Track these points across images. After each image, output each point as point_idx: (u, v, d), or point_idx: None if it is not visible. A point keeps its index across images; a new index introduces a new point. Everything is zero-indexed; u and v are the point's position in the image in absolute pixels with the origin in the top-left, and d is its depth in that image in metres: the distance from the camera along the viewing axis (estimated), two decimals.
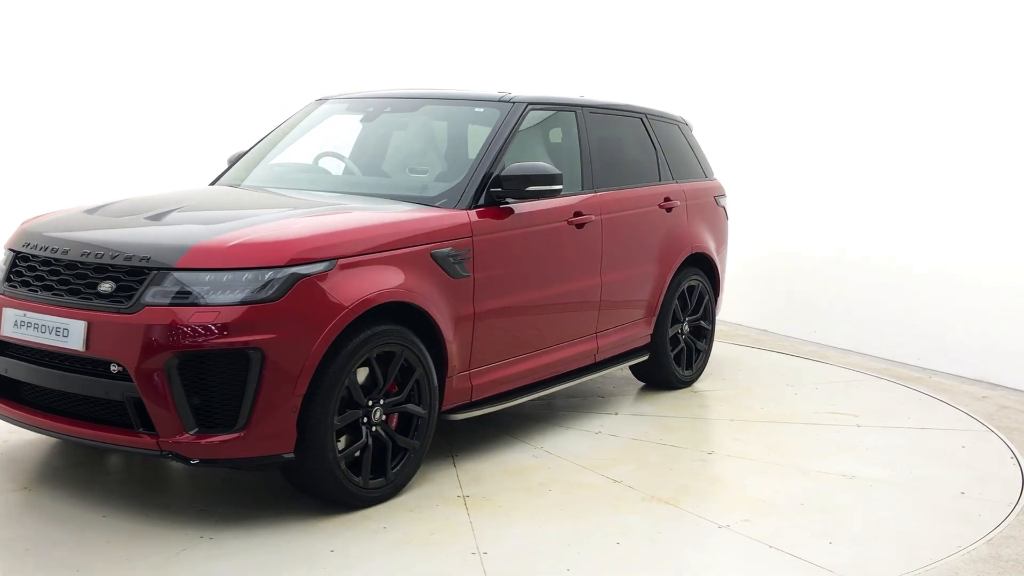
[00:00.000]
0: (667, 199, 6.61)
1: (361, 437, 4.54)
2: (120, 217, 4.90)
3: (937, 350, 7.55)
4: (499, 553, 4.11)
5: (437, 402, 4.89)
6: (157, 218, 4.78)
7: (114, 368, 4.20)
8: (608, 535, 4.32)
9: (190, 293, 4.16)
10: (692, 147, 7.24)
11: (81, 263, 4.40)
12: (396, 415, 4.76)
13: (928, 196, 7.72)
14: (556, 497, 4.76)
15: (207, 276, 4.18)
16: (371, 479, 4.60)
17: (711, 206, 7.20)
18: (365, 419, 4.57)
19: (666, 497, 4.79)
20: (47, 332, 4.35)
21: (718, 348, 8.01)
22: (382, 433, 4.63)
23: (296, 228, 4.52)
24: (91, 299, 4.30)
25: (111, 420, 4.31)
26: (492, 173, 5.28)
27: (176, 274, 4.19)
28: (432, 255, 4.83)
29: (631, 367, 6.75)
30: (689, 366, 6.95)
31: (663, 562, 4.11)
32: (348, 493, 4.49)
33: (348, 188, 5.56)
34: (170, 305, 4.15)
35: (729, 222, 7.53)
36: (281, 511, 4.49)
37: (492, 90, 5.98)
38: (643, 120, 6.71)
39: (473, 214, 5.12)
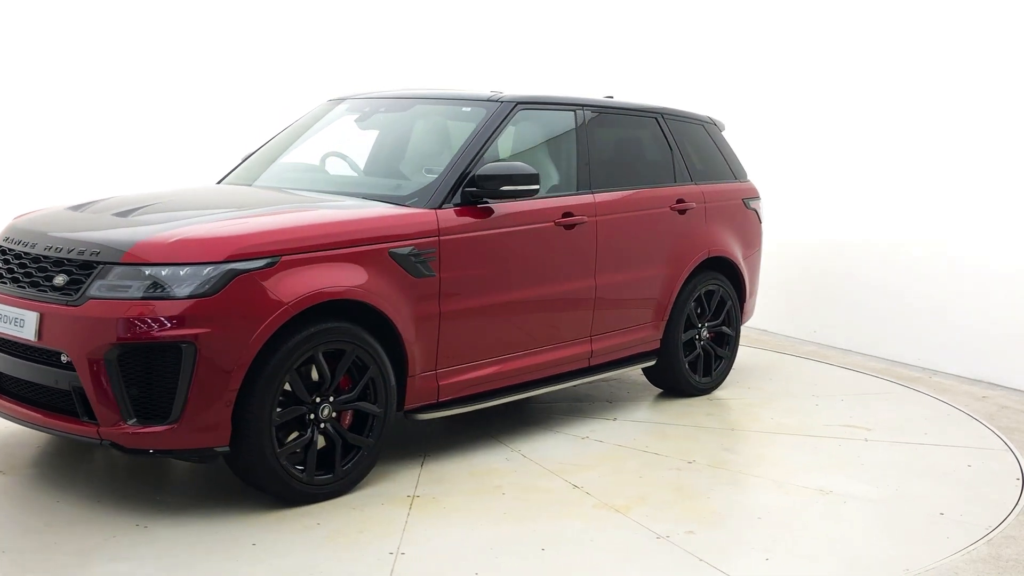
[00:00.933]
0: (680, 201, 6.44)
1: (311, 432, 4.56)
2: (95, 214, 5.06)
3: (937, 350, 7.53)
4: (416, 554, 4.08)
5: (394, 401, 4.87)
6: (124, 215, 4.92)
7: (64, 358, 4.34)
8: (538, 542, 4.23)
9: (130, 287, 4.26)
10: (720, 148, 7.04)
11: (44, 257, 4.56)
12: (350, 413, 4.75)
13: (928, 195, 7.71)
14: (506, 501, 4.70)
15: (148, 271, 4.28)
16: (318, 475, 4.61)
17: (737, 209, 6.98)
18: (312, 415, 4.57)
19: (619, 505, 4.67)
20: (8, 322, 4.54)
21: (753, 355, 7.78)
22: (331, 430, 4.64)
23: (240, 225, 4.58)
24: (47, 291, 4.45)
25: (62, 408, 4.45)
26: (469, 173, 5.23)
27: (119, 268, 4.31)
28: (391, 254, 4.82)
29: (645, 373, 6.60)
30: (707, 373, 6.75)
31: (578, 571, 4.00)
32: (289, 488, 4.52)
33: (337, 187, 5.57)
34: (111, 298, 4.27)
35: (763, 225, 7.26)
36: (226, 502, 4.56)
37: (495, 89, 5.91)
38: (658, 120, 6.56)
39: (442, 213, 5.08)
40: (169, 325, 4.20)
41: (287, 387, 4.47)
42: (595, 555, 4.14)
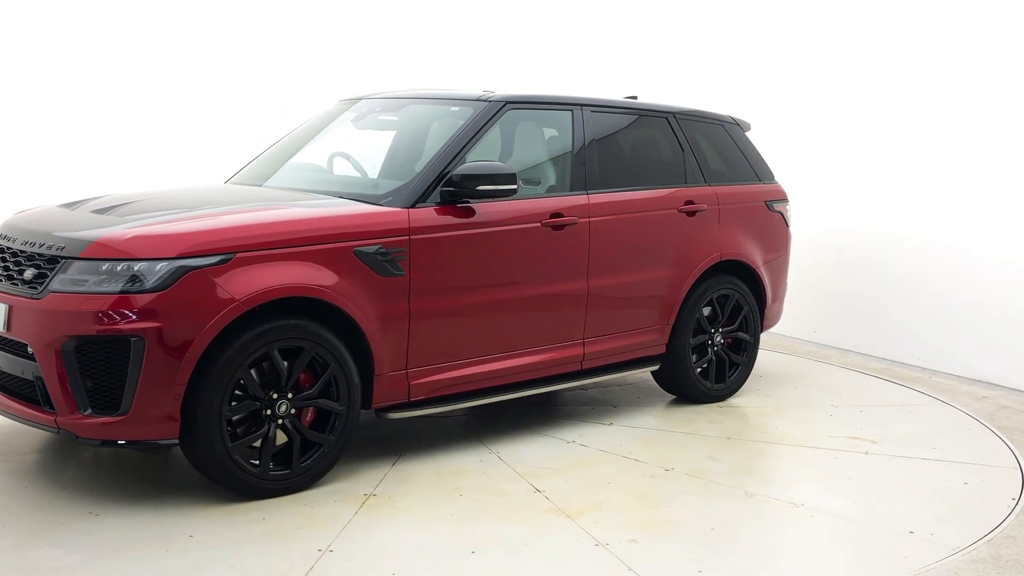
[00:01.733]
0: (689, 202, 6.29)
1: (267, 428, 4.62)
2: (79, 211, 5.21)
3: (937, 350, 7.54)
4: (343, 552, 4.09)
5: (358, 399, 4.89)
6: (102, 212, 5.06)
7: (29, 349, 4.49)
8: (471, 545, 4.19)
9: (86, 281, 4.39)
10: (742, 149, 6.85)
11: (20, 251, 4.73)
12: (312, 410, 4.79)
13: (928, 195, 7.71)
14: (460, 503, 4.66)
15: (103, 266, 4.40)
16: (275, 471, 4.66)
17: (758, 211, 6.78)
18: (269, 411, 4.63)
19: (572, 511, 4.58)
20: None
21: (782, 361, 7.56)
22: (289, 426, 4.68)
23: (198, 223, 4.67)
24: (18, 284, 4.61)
25: (29, 397, 4.61)
26: (447, 173, 5.22)
27: (77, 263, 4.44)
28: (355, 252, 4.84)
29: (655, 378, 6.50)
30: (721, 379, 6.57)
31: (499, 572, 3.93)
32: (241, 482, 4.58)
33: (323, 187, 5.59)
34: (69, 292, 4.40)
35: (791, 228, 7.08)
36: (186, 494, 4.64)
37: (487, 89, 5.88)
38: (669, 120, 6.42)
39: (415, 212, 5.08)
40: (119, 319, 4.30)
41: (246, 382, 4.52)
42: (523, 560, 4.07)
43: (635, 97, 7.03)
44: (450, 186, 5.18)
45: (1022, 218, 7.05)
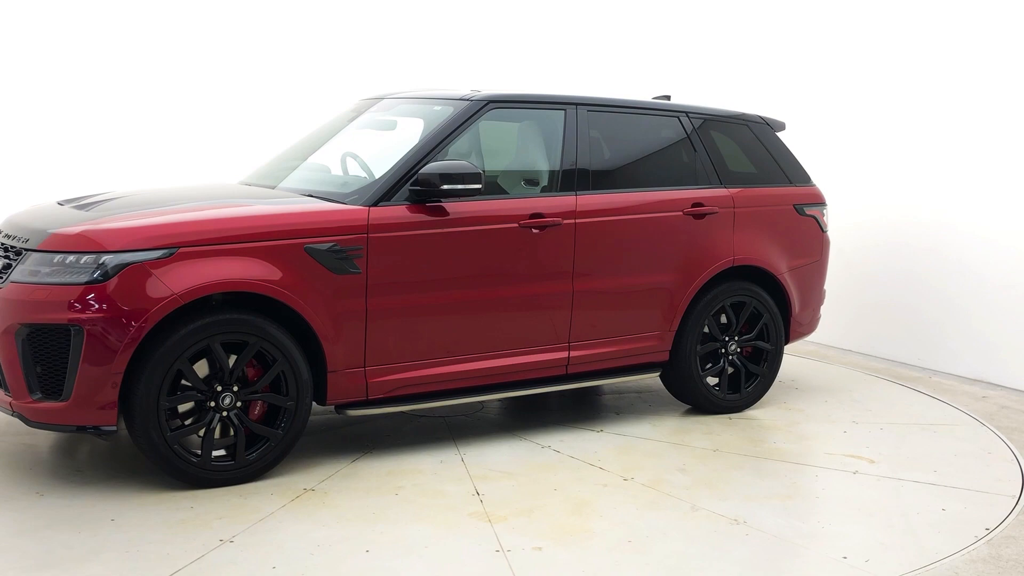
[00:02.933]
0: (698, 204, 6.07)
1: (209, 420, 4.75)
2: (65, 208, 5.46)
3: (937, 350, 7.57)
4: (243, 544, 4.14)
5: (308, 395, 4.95)
6: (81, 208, 5.29)
7: None
8: (370, 544, 4.18)
9: (40, 272, 4.62)
10: (770, 150, 6.56)
11: (2, 244, 5.02)
12: (260, 404, 4.88)
13: (927, 195, 7.71)
14: (390, 502, 4.65)
15: (55, 258, 4.62)
16: (218, 461, 4.77)
17: (785, 215, 6.48)
18: (212, 403, 4.75)
19: (497, 516, 4.51)
20: None
21: (825, 372, 7.24)
22: (233, 419, 4.79)
23: (148, 219, 4.83)
24: None
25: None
26: (415, 172, 5.23)
27: (34, 255, 4.68)
28: (306, 249, 4.90)
29: (667, 388, 6.32)
30: (736, 390, 6.32)
31: (378, 572, 3.91)
32: (181, 471, 4.72)
33: (305, 186, 5.67)
34: (25, 282, 4.63)
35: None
36: (138, 479, 4.82)
37: (475, 88, 5.85)
38: (682, 120, 6.22)
39: (377, 211, 5.10)
40: (62, 309, 4.50)
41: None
42: (409, 562, 4.03)
43: (668, 97, 6.85)
44: (417, 185, 5.17)
45: (1022, 218, 7.04)
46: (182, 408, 4.77)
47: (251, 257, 4.79)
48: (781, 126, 6.75)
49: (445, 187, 5.15)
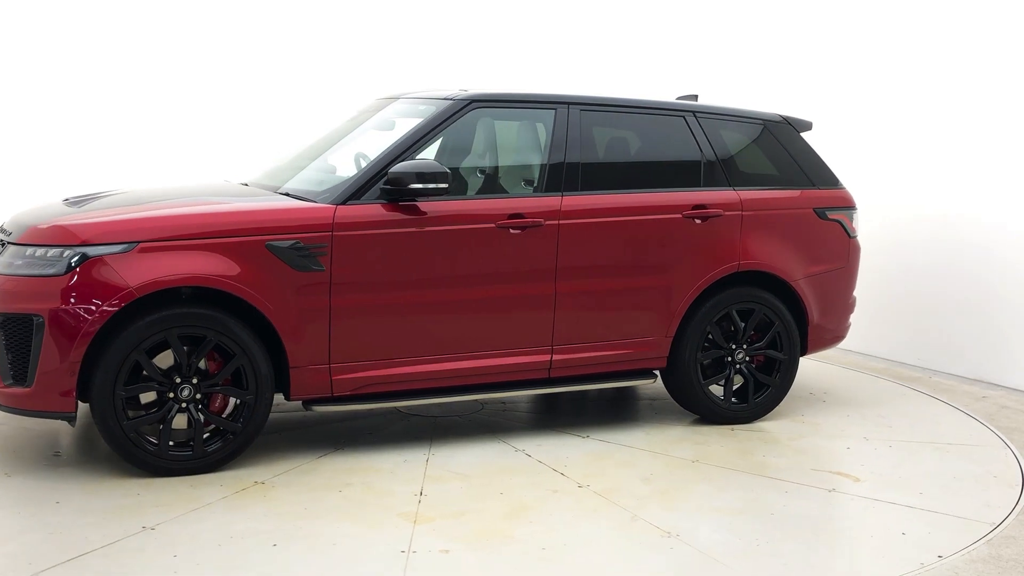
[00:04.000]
0: (699, 207, 5.88)
1: (167, 410, 4.89)
2: (64, 205, 5.68)
3: (937, 350, 7.56)
4: (161, 532, 4.23)
5: (268, 390, 5.03)
6: (77, 205, 5.52)
7: None
8: (281, 539, 4.19)
9: (13, 264, 4.87)
10: (790, 151, 6.29)
11: None
12: (222, 397, 5.01)
13: (927, 195, 7.69)
14: (327, 499, 4.67)
15: (27, 251, 4.86)
16: (175, 451, 4.91)
17: (804, 219, 6.20)
18: (172, 395, 4.89)
19: (425, 517, 4.48)
20: None
21: (856, 381, 6.94)
22: (192, 411, 4.92)
23: (114, 214, 5.01)
24: None
25: None
26: (387, 171, 5.26)
27: (13, 247, 4.94)
28: (268, 246, 4.99)
29: (672, 397, 6.14)
30: (743, 400, 6.09)
31: (271, 567, 3.94)
32: (140, 459, 4.87)
33: (305, 186, 5.69)
34: (3, 273, 4.88)
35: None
36: (107, 464, 5.00)
37: (463, 87, 5.83)
38: (687, 119, 6.03)
39: (345, 210, 5.15)
40: (25, 299, 4.73)
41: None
42: (310, 558, 4.04)
43: (696, 97, 6.66)
44: (387, 184, 5.19)
45: (1022, 218, 7.00)
46: (151, 398, 4.88)
47: (211, 253, 4.90)
48: (806, 126, 6.46)
49: (412, 186, 5.14)
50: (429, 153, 5.81)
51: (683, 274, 5.82)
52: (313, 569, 3.93)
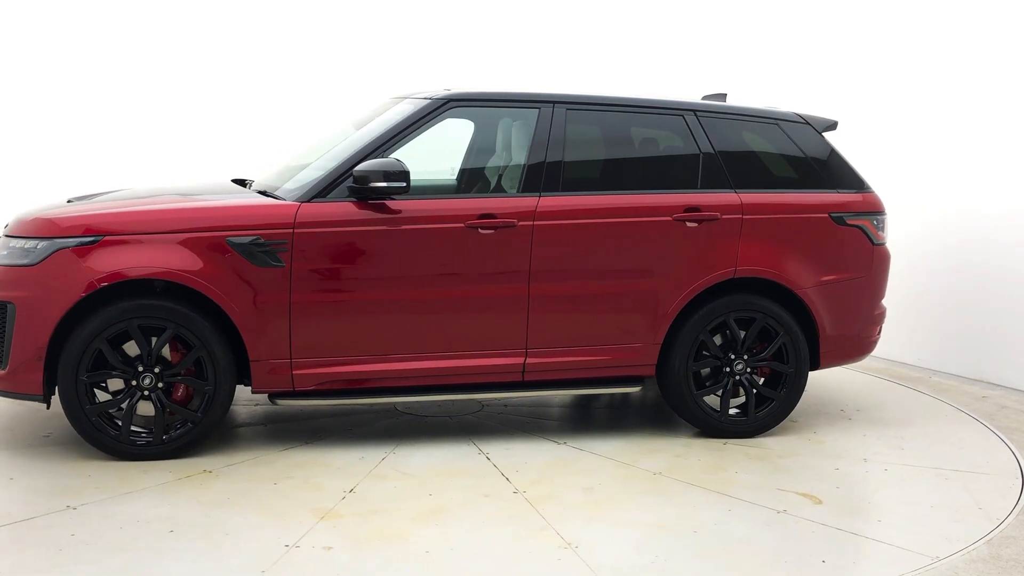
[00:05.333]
0: (692, 210, 5.66)
1: (129, 398, 5.11)
2: (66, 202, 5.98)
3: (937, 350, 7.56)
4: (82, 512, 4.42)
5: (227, 381, 5.19)
6: (73, 202, 5.84)
7: None
8: (182, 526, 4.28)
9: (2, 254, 5.21)
10: (806, 152, 5.96)
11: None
12: (184, 387, 5.21)
13: (926, 193, 7.67)
14: (257, 491, 4.74)
15: (12, 242, 5.20)
16: (136, 436, 5.14)
17: (817, 224, 5.86)
18: (135, 383, 5.13)
19: (338, 514, 4.50)
20: None
21: (902, 398, 6.70)
22: (155, 399, 5.14)
23: (88, 209, 5.28)
24: None
25: None
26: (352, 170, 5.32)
27: (3, 239, 5.29)
28: (228, 241, 5.15)
29: (671, 407, 5.94)
30: (743, 413, 5.83)
31: (148, 551, 4.06)
32: (102, 443, 5.12)
33: (288, 184, 5.84)
34: None
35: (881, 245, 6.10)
36: (88, 447, 5.23)
37: (447, 87, 5.81)
38: (687, 119, 5.80)
39: (308, 207, 5.24)
40: (4, 286, 5.06)
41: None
42: (195, 545, 4.14)
43: (724, 96, 6.43)
44: (353, 183, 5.26)
45: (1022, 217, 6.98)
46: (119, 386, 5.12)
47: (173, 247, 5.09)
48: (827, 125, 6.09)
49: (372, 185, 5.18)
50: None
51: (672, 279, 5.60)
52: (185, 556, 4.02)
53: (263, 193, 5.56)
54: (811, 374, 5.88)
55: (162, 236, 5.09)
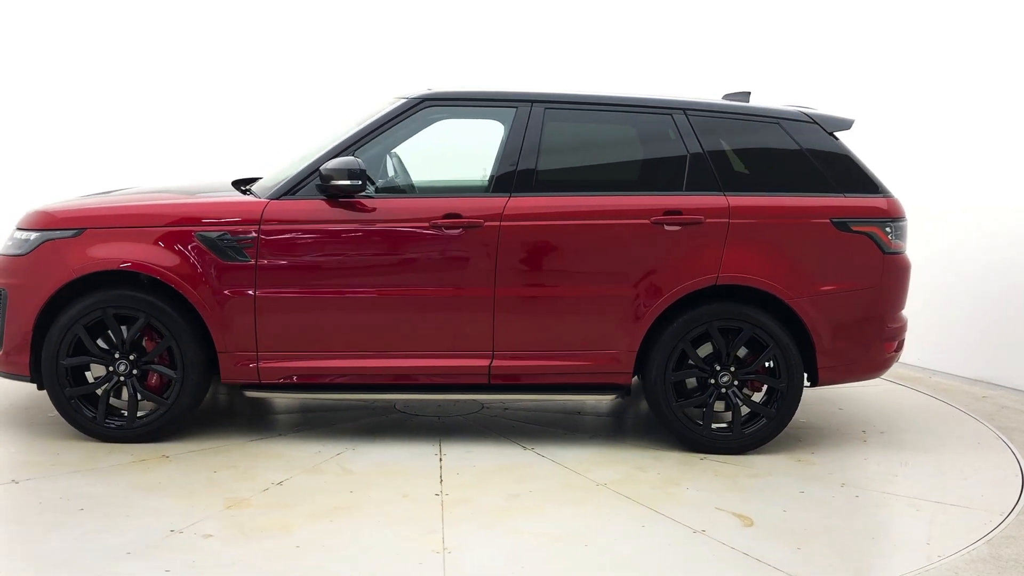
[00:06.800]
0: (673, 213, 5.44)
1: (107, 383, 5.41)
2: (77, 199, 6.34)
3: (937, 350, 7.56)
4: (23, 486, 4.73)
5: (196, 370, 5.41)
6: (90, 196, 6.22)
7: None
8: (101, 507, 4.49)
9: (7, 245, 5.66)
10: (810, 153, 5.60)
11: None
12: (157, 375, 5.49)
13: (927, 193, 7.53)
14: (194, 478, 4.90)
15: (16, 234, 5.63)
16: (110, 420, 5.45)
17: (816, 230, 5.49)
18: (111, 367, 5.45)
19: (246, 503, 4.62)
20: None
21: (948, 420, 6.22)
22: (128, 385, 5.44)
23: (79, 203, 5.63)
24: None
25: None
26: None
27: (13, 231, 5.74)
28: (197, 236, 5.38)
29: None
30: (729, 428, 5.57)
31: (41, 527, 4.28)
32: (80, 424, 5.45)
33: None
34: (1, 254, 5.70)
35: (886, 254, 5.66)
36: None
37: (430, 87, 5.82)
38: (675, 118, 5.58)
39: (276, 205, 5.40)
40: (1, 274, 5.49)
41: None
42: (88, 523, 4.34)
43: (748, 94, 6.15)
44: (320, 181, 5.38)
45: (1022, 217, 7.00)
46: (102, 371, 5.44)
47: (146, 241, 5.35)
48: (840, 124, 5.68)
49: (334, 184, 5.27)
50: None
51: (648, 285, 5.40)
52: (72, 533, 4.21)
53: (245, 192, 5.69)
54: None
55: (137, 230, 5.36)
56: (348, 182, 5.23)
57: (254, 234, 5.31)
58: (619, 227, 5.39)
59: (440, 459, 5.28)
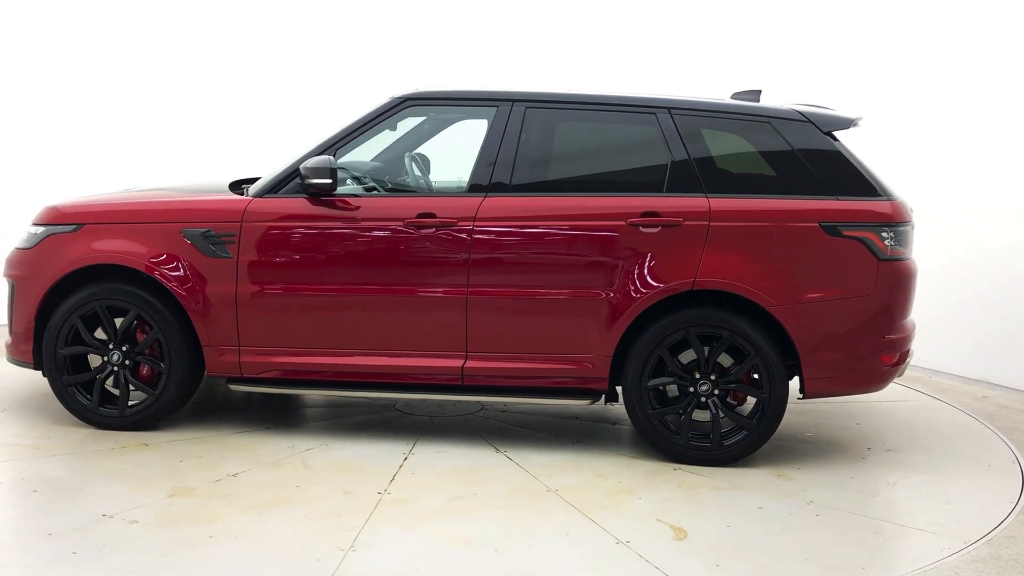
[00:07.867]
0: (650, 214, 5.32)
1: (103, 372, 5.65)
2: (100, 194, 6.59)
3: (937, 350, 7.45)
4: (3, 467, 5.05)
5: (182, 362, 5.60)
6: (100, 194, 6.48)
7: None
8: (59, 487, 4.72)
9: (21, 238, 6.00)
10: (802, 153, 5.35)
11: None
12: (146, 366, 5.71)
13: (926, 192, 7.28)
14: (158, 466, 5.05)
15: (30, 228, 5.95)
16: (105, 409, 5.70)
17: (803, 234, 5.24)
18: (106, 358, 5.71)
19: (192, 492, 4.75)
20: None
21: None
22: (121, 376, 5.68)
23: (80, 199, 5.90)
24: None
25: None
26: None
27: (29, 225, 6.08)
28: (183, 232, 5.58)
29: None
30: (706, 438, 5.40)
31: None
32: (75, 410, 5.72)
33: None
34: (17, 247, 6.04)
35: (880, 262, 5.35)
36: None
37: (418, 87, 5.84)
38: (660, 117, 5.43)
39: (259, 202, 5.53)
40: (11, 266, 5.82)
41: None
42: (38, 503, 4.55)
43: (759, 93, 5.96)
44: (299, 179, 5.49)
45: (1021, 217, 6.99)
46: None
47: (136, 237, 5.57)
48: (838, 123, 5.39)
49: (308, 181, 5.36)
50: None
51: (622, 289, 5.27)
52: (10, 513, 4.45)
53: (238, 191, 5.84)
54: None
55: (129, 226, 5.56)
56: (320, 180, 5.28)
57: (236, 231, 5.42)
58: (594, 229, 5.29)
59: (405, 459, 5.29)
